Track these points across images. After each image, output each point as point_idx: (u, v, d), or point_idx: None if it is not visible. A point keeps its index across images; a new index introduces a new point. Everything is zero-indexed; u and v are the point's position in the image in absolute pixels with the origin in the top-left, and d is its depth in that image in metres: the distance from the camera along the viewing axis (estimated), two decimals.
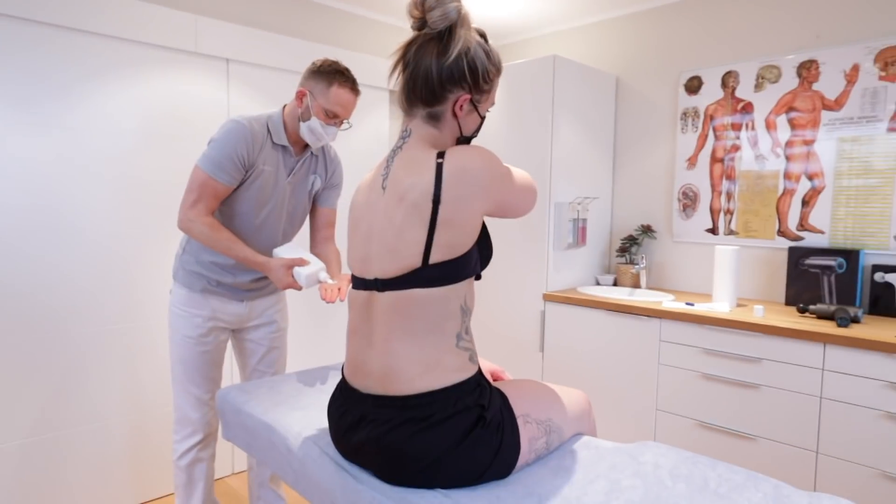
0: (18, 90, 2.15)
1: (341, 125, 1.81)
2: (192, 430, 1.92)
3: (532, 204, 1.28)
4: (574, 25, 3.42)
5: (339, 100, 1.75)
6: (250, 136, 1.73)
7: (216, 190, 1.73)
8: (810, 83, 2.54)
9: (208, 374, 1.92)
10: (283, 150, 1.83)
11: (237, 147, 1.71)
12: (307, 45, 2.95)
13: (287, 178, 1.86)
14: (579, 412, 1.39)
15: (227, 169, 1.72)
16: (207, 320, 1.89)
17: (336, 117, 1.77)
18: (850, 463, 2.03)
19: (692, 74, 2.92)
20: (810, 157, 2.56)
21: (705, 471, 1.21)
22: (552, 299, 2.88)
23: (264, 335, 2.03)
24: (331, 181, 2.02)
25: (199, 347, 1.89)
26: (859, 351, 2.00)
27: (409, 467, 1.12)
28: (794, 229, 2.62)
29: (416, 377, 1.13)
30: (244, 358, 2.06)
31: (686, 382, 2.44)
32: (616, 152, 3.27)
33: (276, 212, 1.87)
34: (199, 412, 1.92)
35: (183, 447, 1.93)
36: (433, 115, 1.20)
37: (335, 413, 1.25)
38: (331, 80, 1.73)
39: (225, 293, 1.89)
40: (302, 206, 1.96)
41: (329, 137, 1.80)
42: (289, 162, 1.85)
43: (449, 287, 1.14)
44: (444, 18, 1.12)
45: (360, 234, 1.22)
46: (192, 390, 1.90)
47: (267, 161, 1.79)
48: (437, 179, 1.10)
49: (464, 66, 1.15)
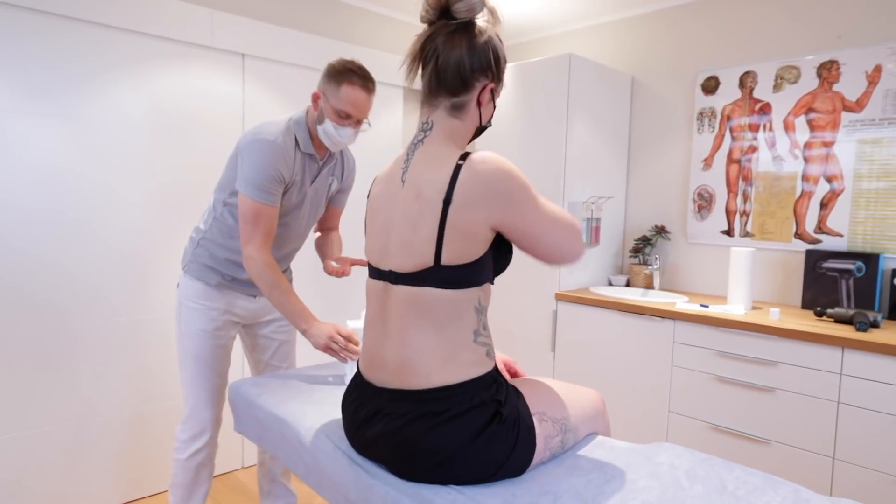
0: (34, 82, 2.16)
1: (358, 126, 1.77)
2: (202, 428, 1.89)
3: (567, 247, 1.15)
4: (590, 24, 3.40)
5: (350, 99, 1.70)
6: (282, 152, 1.71)
7: (270, 216, 1.71)
8: (830, 84, 2.51)
9: (221, 370, 1.91)
10: (310, 157, 1.83)
11: (276, 166, 1.69)
12: (323, 41, 2.95)
13: (310, 184, 1.86)
14: (594, 412, 1.37)
15: (273, 191, 1.70)
16: (223, 314, 1.88)
17: (349, 117, 1.73)
18: (867, 469, 2.00)
19: (709, 74, 2.89)
20: (829, 159, 2.53)
21: (722, 473, 1.19)
22: (564, 299, 2.86)
23: (276, 329, 2.03)
24: (345, 184, 2.03)
25: (214, 341, 1.87)
26: (879, 356, 1.97)
27: (424, 462, 1.11)
28: (811, 232, 2.59)
29: (432, 371, 1.12)
30: (256, 353, 2.06)
31: (699, 385, 2.41)
32: (631, 152, 3.25)
33: (299, 216, 1.88)
34: (212, 409, 1.90)
35: (193, 446, 1.89)
36: (458, 104, 1.19)
37: (350, 407, 1.25)
38: (340, 80, 1.69)
39: (239, 288, 1.89)
40: (320, 209, 1.97)
41: (345, 140, 1.76)
42: (312, 168, 1.85)
43: (461, 290, 1.13)
44: (471, 9, 1.14)
45: (378, 226, 1.22)
46: (205, 386, 1.88)
47: (301, 171, 1.80)
48: (452, 180, 1.10)
49: (489, 55, 1.17)
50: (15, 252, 2.15)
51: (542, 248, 1.15)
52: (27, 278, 2.18)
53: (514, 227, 1.12)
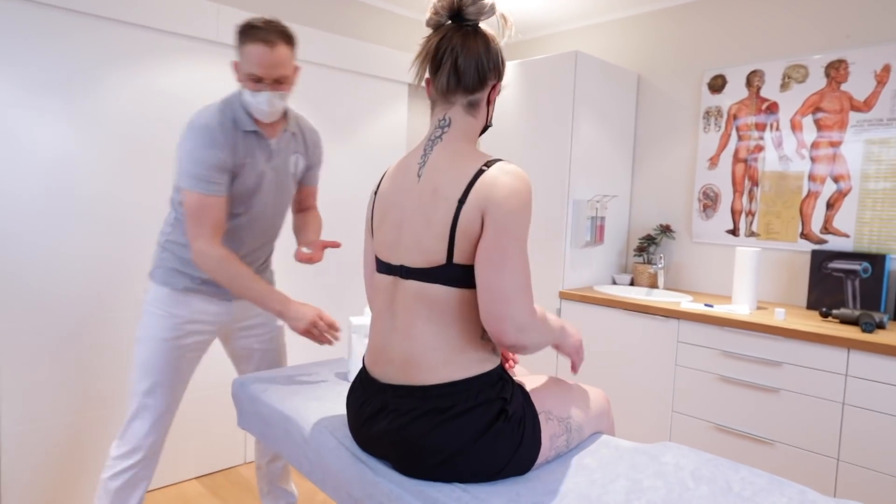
0: (39, 76, 2.16)
1: (278, 87, 1.58)
2: (136, 445, 1.68)
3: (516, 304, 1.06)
4: (596, 22, 3.38)
5: (253, 58, 1.52)
6: (218, 135, 1.57)
7: (215, 206, 1.58)
8: (838, 83, 2.49)
9: (171, 384, 1.72)
10: (255, 135, 1.66)
11: (214, 152, 1.56)
12: (329, 36, 2.95)
13: (267, 164, 1.70)
14: (599, 411, 1.37)
15: (214, 179, 1.57)
16: (186, 322, 1.71)
17: (260, 80, 1.54)
18: (872, 471, 1.99)
19: (716, 73, 2.87)
20: (836, 159, 2.51)
21: (728, 473, 1.19)
22: (568, 297, 2.85)
23: (257, 337, 1.88)
24: (312, 159, 1.88)
25: (170, 352, 1.70)
26: (884, 357, 1.96)
27: (428, 459, 1.11)
28: (817, 232, 2.57)
29: (438, 366, 1.12)
30: (239, 363, 1.93)
31: (703, 384, 2.40)
32: (636, 150, 3.23)
33: (264, 202, 1.73)
34: (151, 426, 1.69)
35: (120, 465, 1.67)
36: (473, 102, 1.22)
37: (354, 403, 1.24)
38: (243, 40, 1.53)
39: (210, 291, 1.73)
40: (288, 191, 1.81)
41: (264, 106, 1.58)
42: (264, 147, 1.68)
43: (471, 290, 1.14)
44: (482, 12, 1.18)
45: (391, 221, 1.22)
46: (149, 400, 1.69)
47: (244, 153, 1.64)
48: (471, 182, 1.11)
49: (499, 56, 1.23)
50: (17, 245, 2.15)
51: (495, 287, 1.06)
52: (29, 271, 2.18)
53: (490, 228, 1.08)
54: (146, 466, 1.72)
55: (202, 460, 2.70)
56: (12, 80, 2.10)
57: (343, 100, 3.09)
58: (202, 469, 2.70)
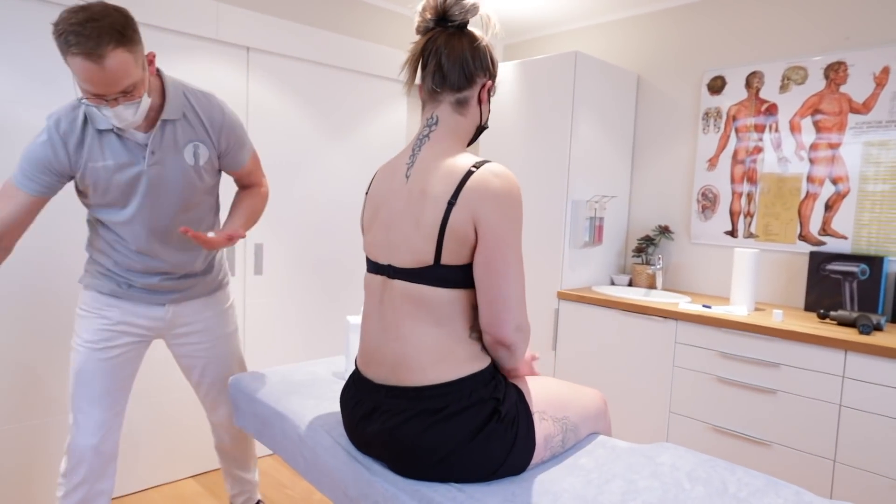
0: (37, 72, 2.16)
1: (123, 99, 1.32)
2: (79, 459, 1.56)
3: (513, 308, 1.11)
4: (596, 22, 3.38)
5: (80, 74, 1.26)
6: (61, 141, 1.41)
7: (15, 197, 1.43)
8: (838, 85, 2.49)
9: (108, 391, 1.59)
10: (115, 133, 1.45)
11: (48, 157, 1.41)
12: (328, 35, 2.95)
13: (147, 162, 1.48)
14: (595, 411, 1.37)
15: (36, 177, 1.43)
16: (116, 324, 1.60)
17: (97, 95, 1.29)
18: (868, 473, 1.99)
19: (715, 74, 2.87)
20: (835, 161, 2.51)
21: (724, 474, 1.19)
22: (566, 298, 2.85)
23: (195, 345, 1.74)
24: (224, 144, 1.62)
25: (99, 355, 1.58)
26: (881, 359, 1.96)
27: (423, 460, 1.11)
28: (815, 234, 2.57)
29: (428, 367, 1.12)
30: (187, 375, 1.80)
31: (701, 385, 2.40)
32: (635, 151, 3.23)
33: (150, 205, 1.53)
34: (93, 439, 1.56)
35: (70, 482, 1.56)
36: (461, 100, 1.22)
37: (348, 403, 1.24)
38: (61, 49, 1.25)
39: (139, 297, 1.61)
40: (189, 186, 1.58)
41: (117, 121, 1.36)
42: (134, 146, 1.47)
43: (458, 290, 1.14)
44: (465, 12, 1.20)
45: (381, 221, 1.22)
46: (87, 410, 1.56)
47: (103, 156, 1.45)
48: (461, 183, 1.11)
49: (487, 55, 1.24)
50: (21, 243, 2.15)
51: (497, 294, 1.11)
52: (29, 269, 2.18)
53: (487, 236, 1.10)
54: (98, 480, 1.59)
55: (199, 459, 2.70)
56: (11, 76, 2.10)
57: (342, 99, 3.09)
58: (199, 468, 2.70)
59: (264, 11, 2.78)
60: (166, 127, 1.49)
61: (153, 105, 1.48)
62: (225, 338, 1.79)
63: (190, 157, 1.55)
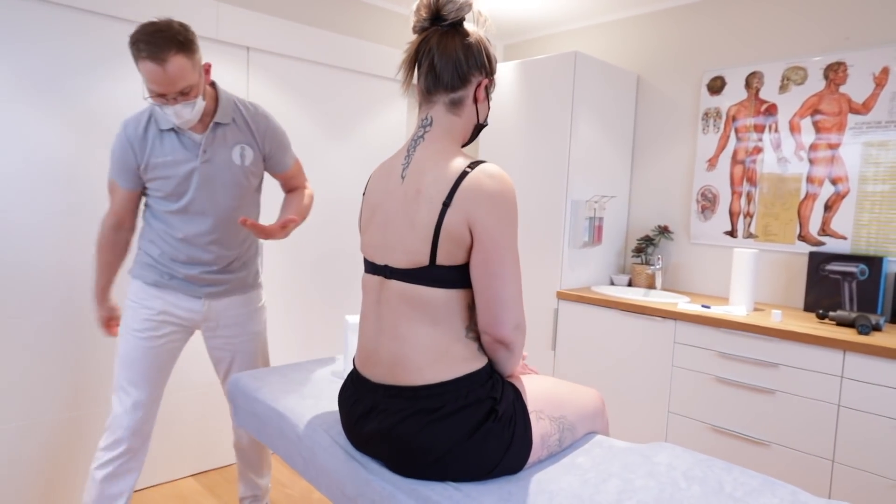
0: (35, 73, 2.16)
1: (182, 98, 1.56)
2: (118, 437, 1.72)
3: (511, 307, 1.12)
4: (596, 22, 3.38)
5: (147, 76, 1.50)
6: (128, 142, 1.66)
7: (118, 192, 1.73)
8: (837, 85, 2.50)
9: (149, 375, 1.76)
10: (177, 133, 1.68)
11: (123, 156, 1.68)
12: (328, 35, 2.95)
13: (200, 160, 1.69)
14: (593, 411, 1.37)
15: (123, 174, 1.70)
16: (158, 313, 1.75)
17: (161, 95, 1.53)
18: (866, 473, 1.99)
19: (715, 74, 2.87)
20: (835, 161, 2.52)
21: (720, 474, 1.19)
22: (566, 298, 2.85)
23: (228, 339, 1.87)
24: (267, 147, 1.83)
25: (144, 343, 1.74)
26: (880, 359, 1.96)
27: (420, 459, 1.11)
28: (815, 234, 2.57)
29: (424, 366, 1.13)
30: (216, 368, 1.94)
31: (700, 385, 2.41)
32: (635, 151, 3.24)
33: (201, 198, 1.72)
34: (132, 418, 1.73)
35: (105, 456, 1.72)
36: (455, 100, 1.21)
37: (346, 402, 1.25)
38: (134, 55, 1.50)
39: (179, 288, 1.76)
40: (236, 184, 1.77)
41: (177, 119, 1.59)
42: (190, 144, 1.68)
43: (453, 290, 1.15)
44: (458, 10, 1.18)
45: (377, 222, 1.22)
46: (129, 391, 1.73)
47: (163, 152, 1.67)
48: (455, 184, 1.11)
49: (482, 52, 1.22)
50: (11, 242, 2.16)
51: (495, 295, 1.12)
52: (23, 268, 2.18)
53: (483, 238, 1.10)
54: (132, 458, 1.76)
55: (198, 458, 2.70)
56: (7, 76, 2.10)
57: (341, 98, 3.09)
58: (199, 466, 2.71)
59: (264, 11, 2.79)
60: (218, 129, 1.71)
61: (207, 109, 1.69)
62: (254, 335, 1.92)
63: (237, 158, 1.75)
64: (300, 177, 1.97)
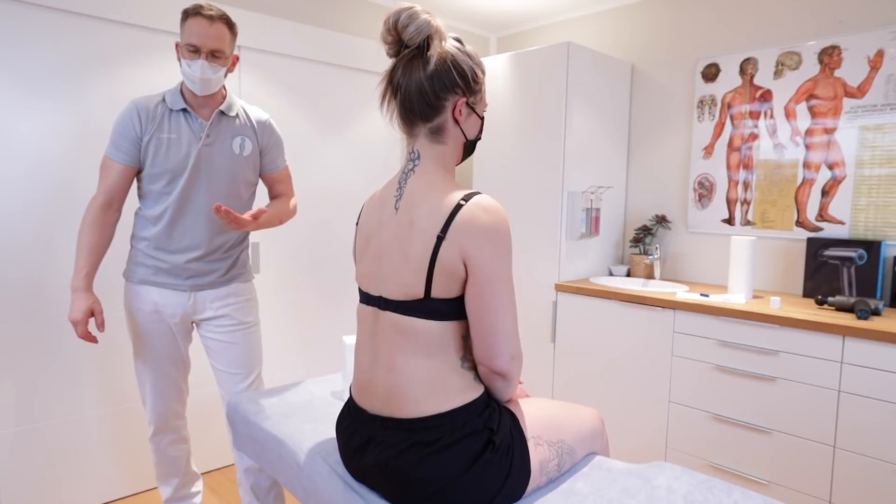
0: (31, 77, 2.14)
1: (213, 60, 1.73)
2: (148, 420, 1.97)
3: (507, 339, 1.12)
4: (588, 12, 3.33)
5: (192, 28, 1.69)
6: (136, 111, 1.75)
7: (111, 169, 1.76)
8: (832, 70, 2.47)
9: (158, 365, 1.91)
10: (186, 114, 1.80)
11: (127, 125, 1.75)
12: (321, 32, 2.92)
13: (199, 144, 1.80)
14: (591, 431, 1.37)
15: (121, 145, 1.75)
16: (151, 312, 1.86)
17: (197, 50, 1.70)
18: (868, 458, 2.01)
19: (709, 61, 2.84)
20: (831, 146, 2.50)
21: (720, 497, 1.20)
22: (564, 289, 2.86)
23: (217, 330, 1.94)
24: (264, 142, 1.95)
25: (147, 339, 1.87)
26: (880, 344, 1.97)
27: (419, 492, 1.12)
28: (812, 220, 2.57)
29: (421, 399, 1.13)
30: (209, 356, 1.99)
31: (700, 374, 2.42)
32: (631, 141, 3.21)
33: (195, 180, 1.81)
34: (151, 405, 1.93)
35: (149, 432, 1.99)
36: (435, 129, 1.19)
37: (344, 433, 1.25)
38: (186, 17, 1.71)
39: (163, 282, 1.84)
40: (233, 173, 1.88)
41: (198, 73, 1.71)
42: (196, 126, 1.80)
43: (449, 322, 1.14)
44: (419, 31, 1.13)
45: (371, 253, 1.22)
46: (146, 382, 1.92)
47: (169, 129, 1.78)
48: (449, 218, 1.10)
49: (452, 71, 1.15)
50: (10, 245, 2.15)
51: (490, 327, 1.12)
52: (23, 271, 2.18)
53: (479, 272, 1.10)
54: (166, 434, 1.99)
55: (201, 458, 2.74)
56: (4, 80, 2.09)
57: (336, 95, 3.06)
58: (201, 467, 2.74)
59: (256, 10, 2.75)
60: (223, 118, 1.85)
61: (217, 99, 1.84)
62: (243, 327, 1.98)
63: (237, 147, 1.87)
64: (287, 184, 2.07)
